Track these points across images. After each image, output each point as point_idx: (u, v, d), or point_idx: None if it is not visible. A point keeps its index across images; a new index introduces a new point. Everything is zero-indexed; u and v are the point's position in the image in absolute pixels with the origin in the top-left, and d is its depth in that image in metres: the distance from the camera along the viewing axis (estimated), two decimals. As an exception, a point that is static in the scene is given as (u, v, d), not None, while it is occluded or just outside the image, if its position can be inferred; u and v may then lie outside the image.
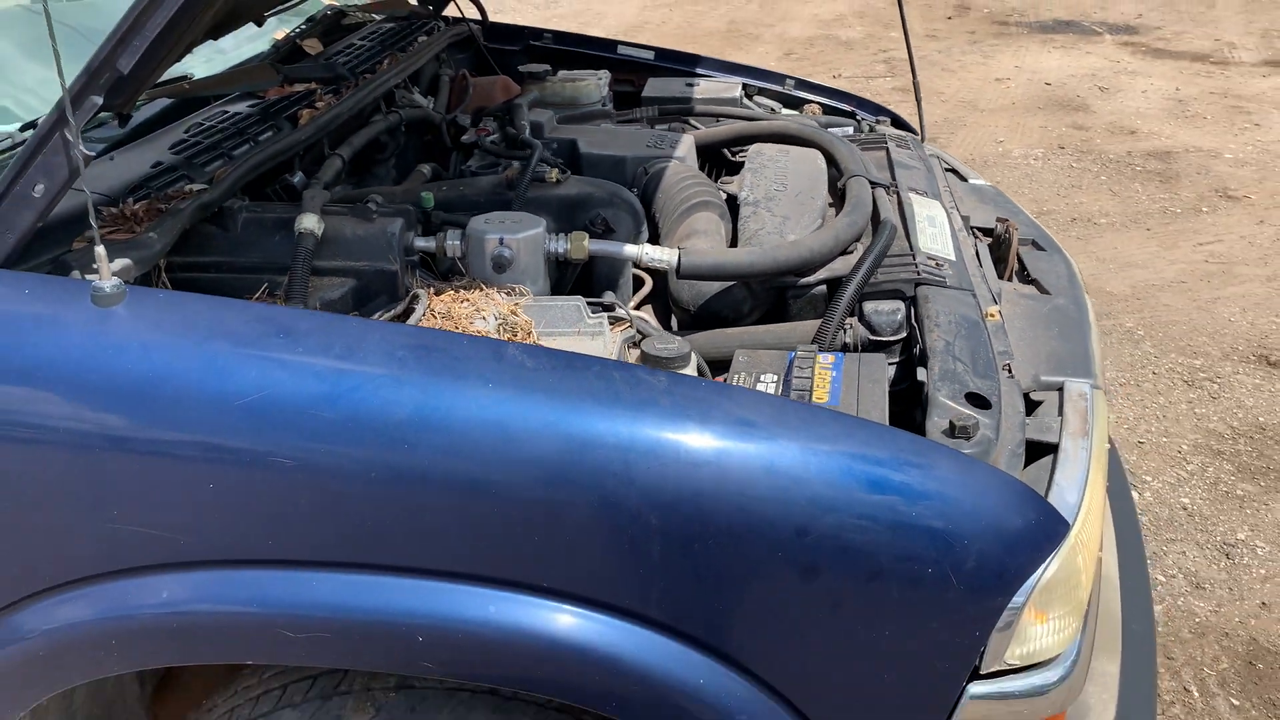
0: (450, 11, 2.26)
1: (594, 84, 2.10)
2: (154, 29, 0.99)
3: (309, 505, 1.00)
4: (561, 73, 2.16)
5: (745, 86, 2.27)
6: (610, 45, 2.38)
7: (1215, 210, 4.66)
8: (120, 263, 1.12)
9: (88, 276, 1.07)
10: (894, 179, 1.69)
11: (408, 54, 1.90)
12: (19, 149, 1.27)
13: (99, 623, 1.04)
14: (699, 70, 2.34)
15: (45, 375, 1.02)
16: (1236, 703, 2.12)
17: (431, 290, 1.28)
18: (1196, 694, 2.14)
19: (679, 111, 2.02)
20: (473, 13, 2.21)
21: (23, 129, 1.29)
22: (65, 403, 1.01)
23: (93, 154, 1.03)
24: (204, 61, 1.64)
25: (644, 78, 2.31)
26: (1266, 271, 4.03)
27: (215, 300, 1.08)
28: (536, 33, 2.38)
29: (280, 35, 1.78)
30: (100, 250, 1.02)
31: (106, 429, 1.01)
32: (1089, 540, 1.11)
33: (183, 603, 1.03)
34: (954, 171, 2.05)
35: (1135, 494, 2.74)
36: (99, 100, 1.02)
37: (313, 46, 1.74)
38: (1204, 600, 2.38)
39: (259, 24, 1.50)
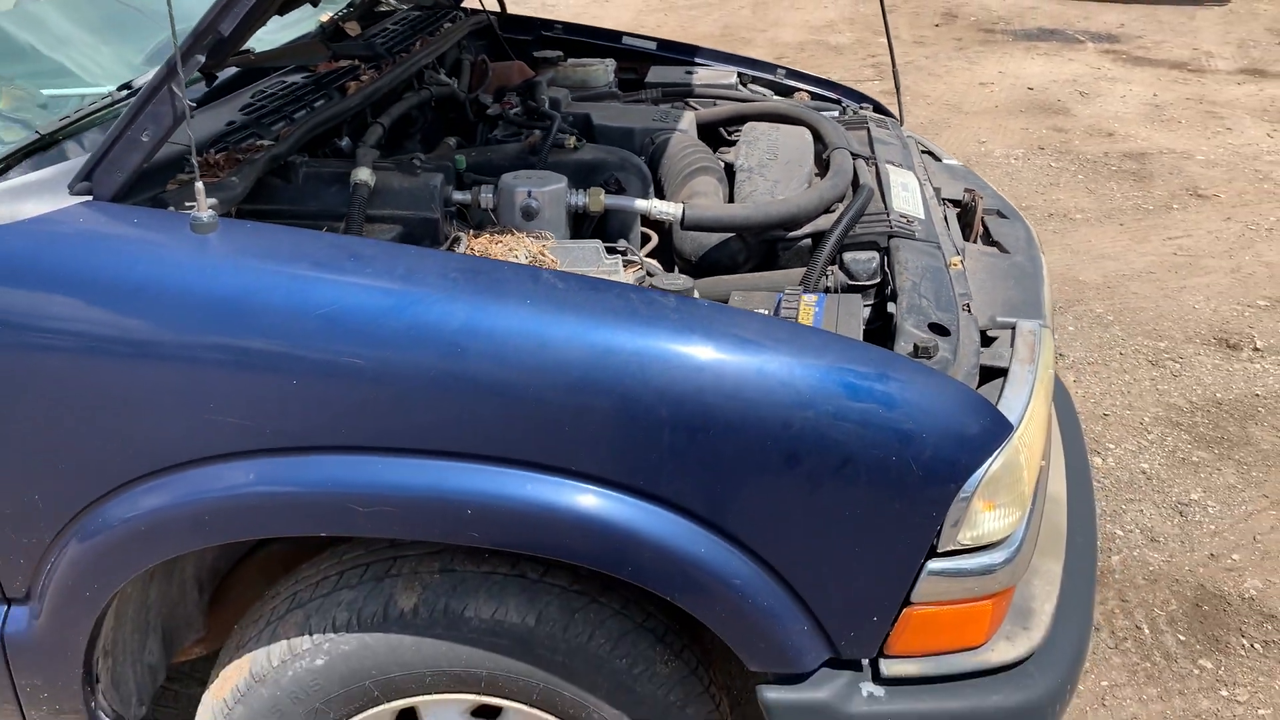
0: (470, 3, 2.46)
1: (602, 69, 2.30)
2: (221, 23, 1.19)
3: (376, 399, 1.19)
4: (570, 60, 2.36)
5: (740, 75, 2.48)
6: (616, 36, 2.58)
7: (1185, 207, 4.88)
8: (209, 200, 1.31)
9: (187, 207, 1.27)
10: (873, 153, 1.90)
11: (435, 38, 2.10)
12: (118, 105, 1.47)
13: (197, 500, 1.23)
14: (697, 60, 2.54)
15: (153, 289, 1.21)
16: (1183, 639, 2.33)
17: (471, 233, 1.48)
18: (1147, 631, 2.35)
19: (680, 94, 2.23)
20: (492, 4, 2.41)
21: (120, 89, 1.48)
22: (169, 312, 1.21)
23: (194, 105, 1.23)
24: (255, 40, 1.83)
25: (646, 66, 2.52)
26: (1231, 264, 4.25)
27: (295, 230, 1.27)
28: (548, 23, 2.58)
29: (325, 18, 1.97)
30: (199, 185, 1.22)
31: (205, 334, 1.20)
32: (1031, 444, 1.32)
33: (269, 483, 1.22)
34: (929, 153, 2.25)
35: (1098, 459, 2.95)
36: (202, 59, 1.21)
37: (353, 29, 1.94)
38: (1158, 552, 2.59)
39: (314, 4, 1.69)
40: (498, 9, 2.45)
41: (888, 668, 1.31)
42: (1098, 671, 2.24)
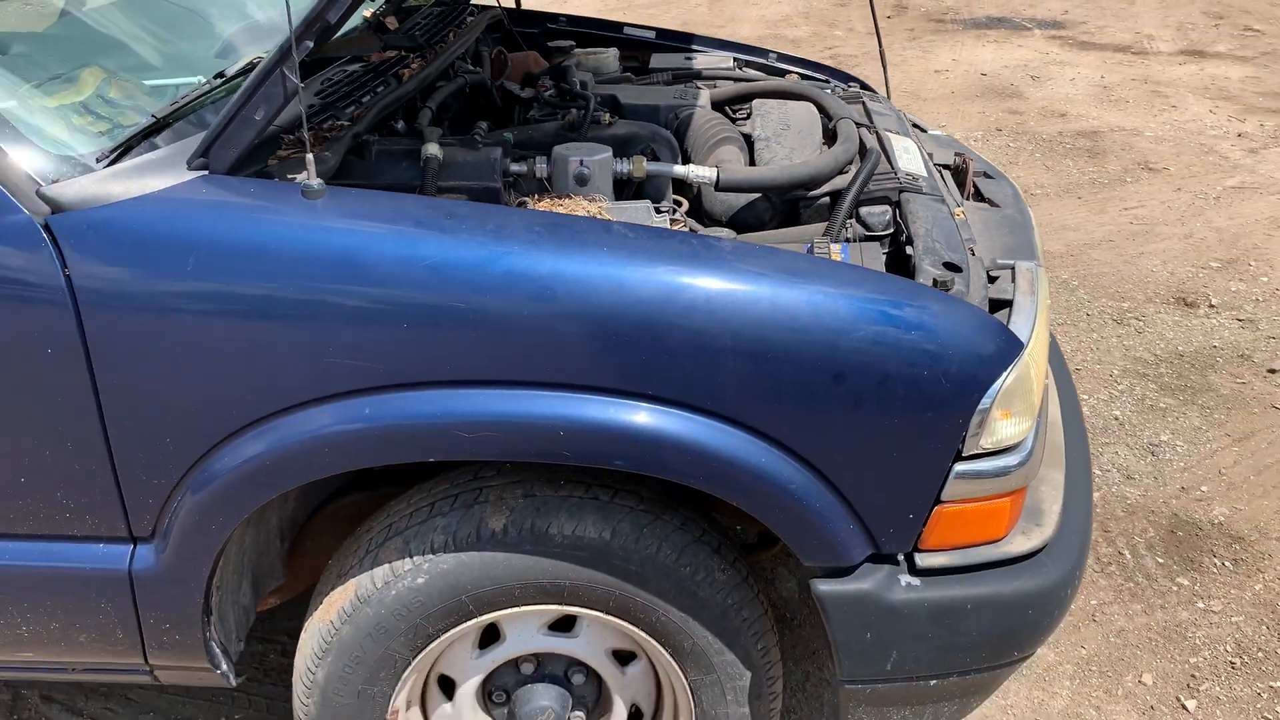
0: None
1: (611, 57, 2.48)
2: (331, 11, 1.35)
3: (477, 338, 1.36)
4: (580, 49, 2.54)
5: (735, 59, 2.67)
6: (617, 26, 2.76)
7: (1138, 180, 5.15)
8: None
9: (289, 178, 1.43)
10: (871, 122, 2.10)
11: (464, 31, 2.26)
12: (214, 92, 1.63)
13: (318, 435, 1.39)
14: (694, 47, 2.73)
15: (273, 250, 1.37)
16: (1161, 561, 2.55)
17: (535, 197, 1.66)
18: (1129, 556, 2.57)
19: (687, 77, 2.41)
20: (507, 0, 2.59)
21: (217, 77, 1.64)
22: (289, 269, 1.37)
23: (303, 87, 1.39)
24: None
25: (646, 55, 2.70)
26: (1183, 230, 4.51)
27: (394, 194, 1.44)
28: (553, 17, 2.76)
29: (369, 13, 2.14)
30: (310, 157, 1.38)
31: (323, 287, 1.36)
32: (1038, 360, 1.51)
33: (383, 417, 1.38)
34: (917, 125, 2.46)
35: (1074, 409, 3.17)
36: (310, 44, 1.38)
37: (391, 23, 2.10)
38: (1134, 488, 2.82)
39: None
40: (509, 4, 2.62)
41: (922, 560, 1.51)
42: (1087, 592, 2.46)
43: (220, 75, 1.65)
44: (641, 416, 1.39)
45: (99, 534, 1.52)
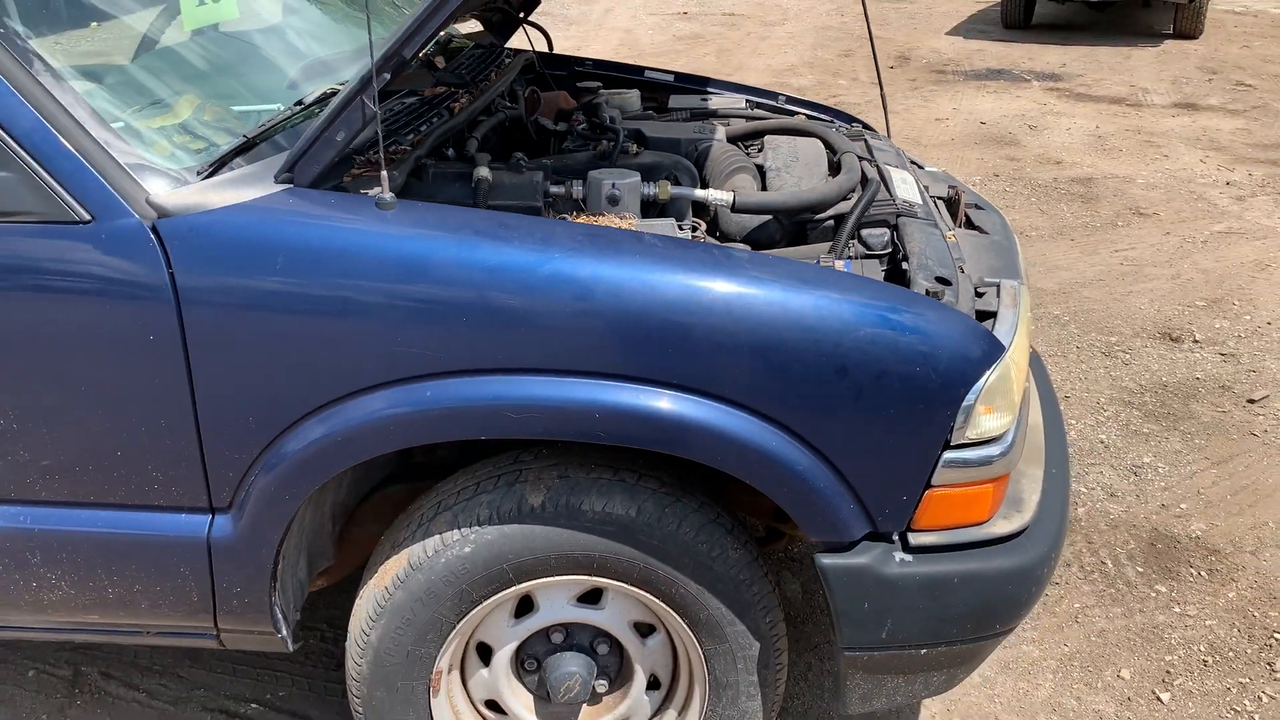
0: (517, 42, 2.86)
1: (634, 97, 2.70)
2: (430, 29, 1.57)
3: (526, 332, 1.57)
4: (604, 91, 2.76)
5: (747, 101, 2.89)
6: (639, 70, 2.99)
7: (1129, 224, 5.38)
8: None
9: (362, 192, 1.64)
10: (873, 157, 2.31)
11: (503, 71, 2.49)
12: (294, 117, 1.84)
13: (384, 415, 1.59)
14: (709, 89, 2.95)
15: (351, 252, 1.57)
16: (1141, 570, 2.73)
17: (573, 215, 1.87)
18: (1111, 565, 2.75)
19: (704, 115, 2.63)
20: (540, 43, 2.82)
21: (296, 104, 1.85)
22: (364, 270, 1.57)
23: (380, 113, 1.60)
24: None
25: (665, 96, 2.92)
26: (1171, 272, 4.72)
27: (456, 207, 1.65)
28: (579, 60, 2.99)
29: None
30: (384, 173, 1.59)
31: (394, 285, 1.57)
32: (1018, 363, 1.71)
33: (444, 400, 1.58)
34: (914, 162, 2.67)
35: (1062, 433, 3.36)
36: (388, 76, 1.59)
37: (440, 62, 2.33)
38: (1117, 504, 3.00)
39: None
40: (541, 49, 2.85)
41: (914, 539, 1.69)
42: (1070, 597, 2.63)
43: (299, 103, 1.87)
44: (666, 403, 1.59)
45: (182, 504, 1.71)
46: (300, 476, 1.65)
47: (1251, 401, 3.54)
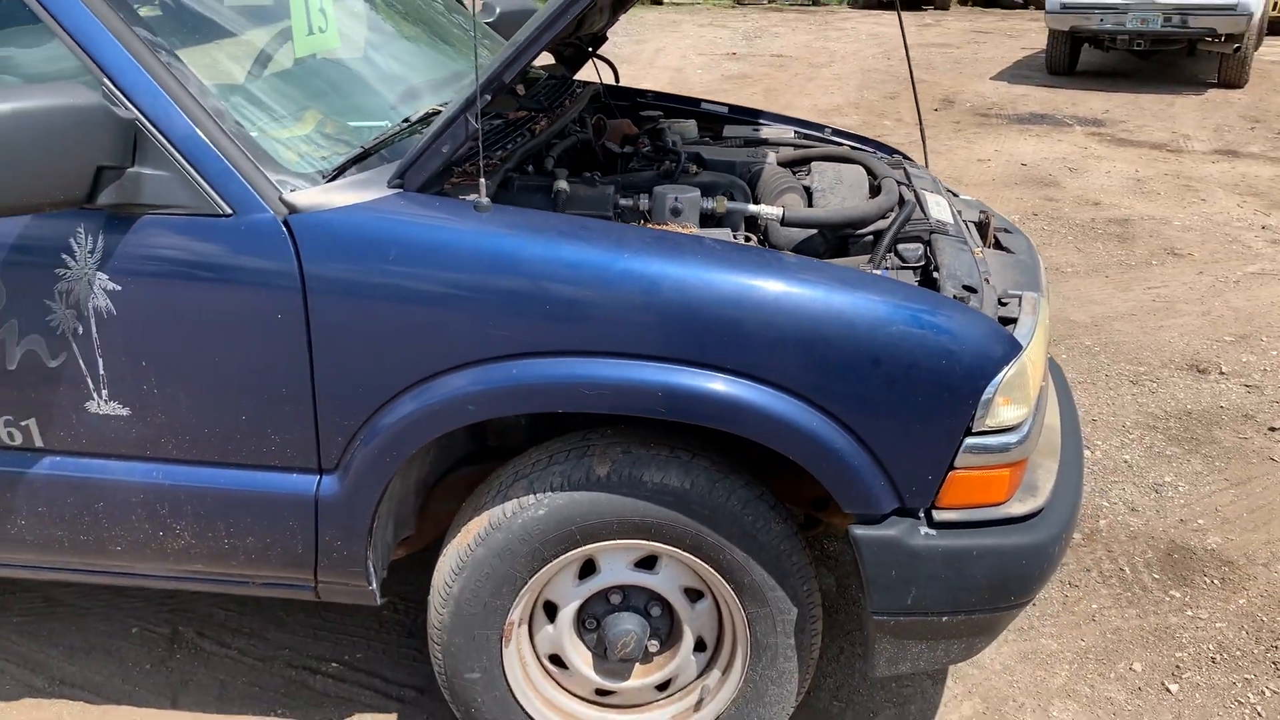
0: (586, 74, 3.13)
1: (692, 126, 2.95)
2: (526, 59, 1.83)
3: (600, 319, 1.80)
4: (663, 120, 3.02)
5: (795, 131, 3.13)
6: (695, 102, 3.25)
7: (1163, 264, 5.55)
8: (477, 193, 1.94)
9: (461, 197, 1.89)
10: (910, 182, 2.54)
11: (575, 99, 2.75)
12: (402, 132, 2.11)
13: (477, 389, 1.83)
14: (760, 120, 3.20)
15: (453, 248, 1.82)
16: (1157, 577, 2.90)
17: (641, 222, 2.11)
18: (1129, 571, 2.92)
19: (756, 143, 2.88)
20: (606, 75, 3.09)
21: (404, 122, 2.12)
22: (463, 263, 1.82)
23: (480, 127, 1.86)
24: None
25: (719, 126, 3.17)
26: (1202, 309, 4.89)
27: (545, 212, 1.90)
28: (641, 92, 3.25)
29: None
30: (483, 181, 1.85)
31: (488, 277, 1.81)
32: (1035, 362, 1.92)
33: (528, 376, 1.82)
34: (949, 191, 2.90)
35: (1088, 452, 3.54)
36: (489, 97, 1.85)
37: (520, 89, 2.60)
38: (1137, 518, 3.18)
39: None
40: (604, 81, 3.12)
41: (938, 515, 1.90)
42: (1089, 598, 2.81)
43: (406, 120, 2.13)
44: (721, 385, 1.81)
45: (295, 465, 1.96)
46: (398, 443, 1.89)
47: (1273, 429, 3.70)
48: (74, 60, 1.84)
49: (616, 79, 3.13)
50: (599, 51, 3.12)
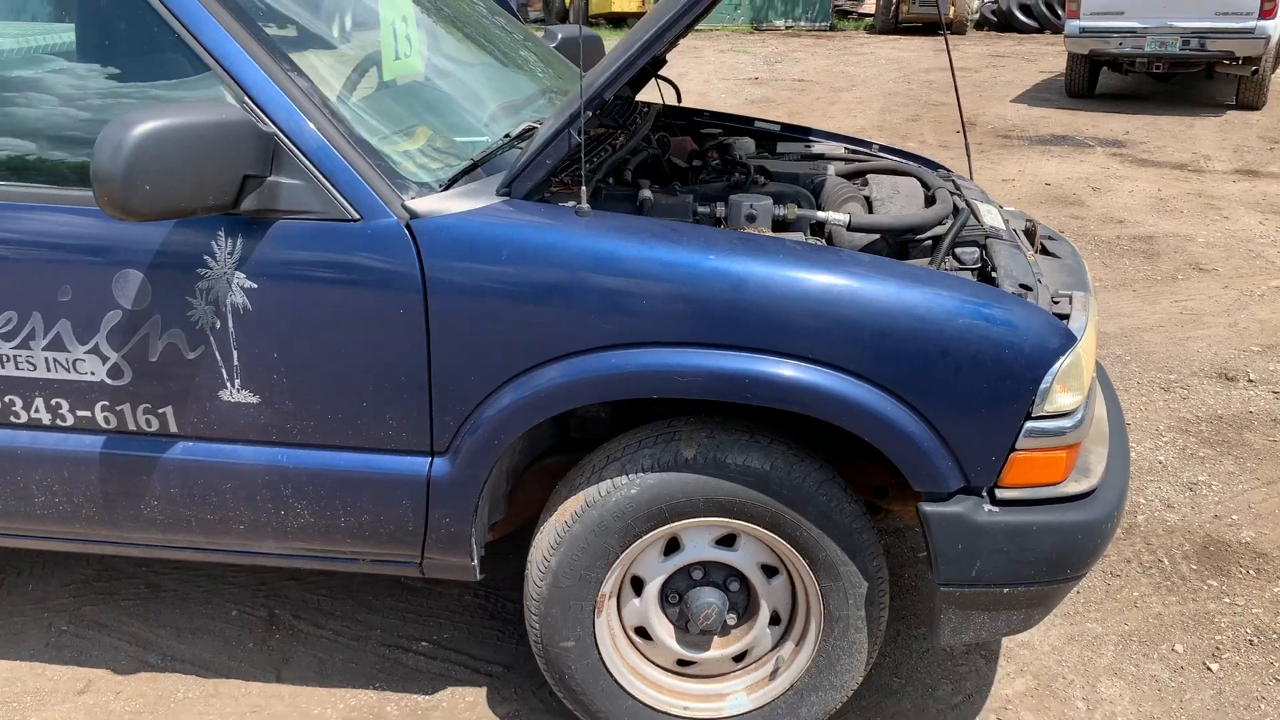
0: (647, 93, 3.34)
1: (750, 142, 3.15)
2: (627, 77, 2.03)
3: (691, 313, 1.99)
4: (722, 137, 3.21)
5: (845, 148, 3.33)
6: (749, 120, 3.44)
7: (1189, 278, 5.71)
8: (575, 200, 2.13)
9: (568, 205, 2.08)
10: (960, 193, 2.72)
11: (645, 117, 2.96)
12: (503, 147, 2.30)
13: (578, 376, 2.01)
14: (811, 137, 3.39)
15: (557, 249, 2.01)
16: (1195, 568, 3.06)
17: (722, 228, 2.30)
18: (1167, 562, 3.08)
19: (813, 157, 3.07)
20: (669, 96, 3.29)
21: (505, 137, 2.32)
22: (566, 261, 2.00)
23: (582, 141, 2.05)
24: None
25: (773, 143, 3.37)
26: (1228, 320, 5.04)
27: (637, 217, 2.09)
28: (699, 112, 3.45)
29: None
30: (583, 189, 2.04)
31: (588, 275, 2.00)
32: (1087, 352, 2.10)
33: (625, 365, 2.00)
34: (994, 203, 3.08)
35: (1124, 453, 3.69)
36: (590, 113, 2.04)
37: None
38: (1173, 514, 3.33)
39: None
40: (665, 102, 3.33)
41: (1000, 493, 2.07)
42: (1130, 587, 2.97)
43: (507, 136, 2.33)
44: (803, 373, 1.99)
45: (409, 448, 2.14)
46: (505, 428, 2.07)
47: (1301, 433, 3.85)
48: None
49: (679, 99, 3.33)
50: (660, 73, 3.32)
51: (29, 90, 2.27)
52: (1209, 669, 2.63)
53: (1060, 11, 20.33)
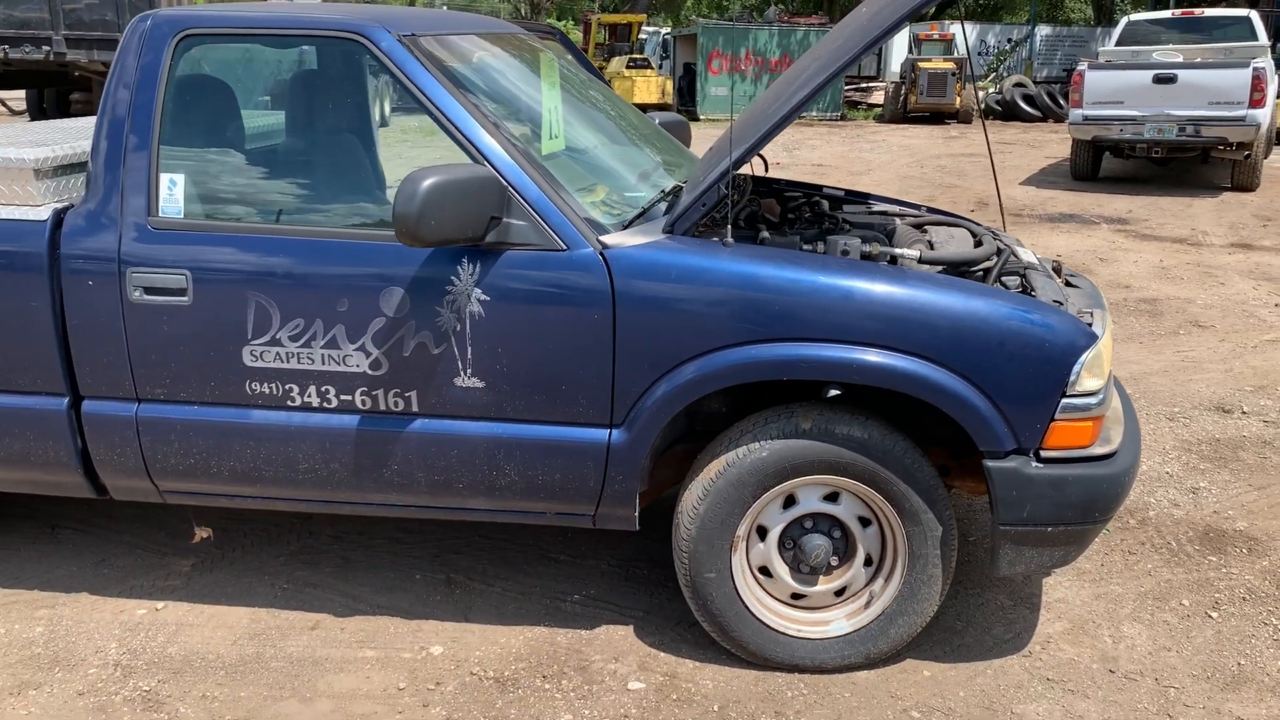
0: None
1: (825, 203, 3.90)
2: (763, 145, 2.78)
3: (812, 317, 2.70)
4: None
5: (899, 207, 4.08)
6: (817, 187, 4.21)
7: (1190, 333, 6.42)
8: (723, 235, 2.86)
9: (710, 239, 2.82)
10: (1001, 239, 3.46)
11: (745, 181, 3.72)
12: (662, 199, 3.05)
13: (731, 361, 2.72)
14: (870, 199, 4.15)
15: (709, 274, 2.73)
16: (1197, 548, 3.71)
17: (824, 259, 3.04)
18: (1174, 544, 3.73)
19: (879, 213, 3.83)
20: (758, 166, 4.06)
21: (662, 193, 3.07)
22: (718, 281, 2.73)
23: (730, 192, 2.79)
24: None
25: (838, 205, 4.12)
26: (1224, 367, 5.74)
27: (769, 247, 2.82)
28: (776, 180, 4.22)
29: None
30: (729, 228, 2.78)
31: (735, 290, 2.71)
32: (1106, 348, 2.80)
33: (765, 355, 2.70)
34: (1023, 252, 3.81)
35: (1136, 466, 4.36)
36: (733, 171, 2.79)
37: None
38: (1179, 510, 3.99)
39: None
40: (756, 173, 4.10)
41: (1044, 454, 2.76)
42: (1145, 561, 3.62)
43: (663, 192, 3.09)
44: (897, 361, 2.70)
45: (594, 421, 2.84)
46: (670, 404, 2.78)
47: (1287, 451, 4.52)
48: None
49: (766, 169, 4.10)
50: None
51: (313, 157, 3.04)
52: (1210, 616, 3.28)
53: (1062, 101, 21.42)
